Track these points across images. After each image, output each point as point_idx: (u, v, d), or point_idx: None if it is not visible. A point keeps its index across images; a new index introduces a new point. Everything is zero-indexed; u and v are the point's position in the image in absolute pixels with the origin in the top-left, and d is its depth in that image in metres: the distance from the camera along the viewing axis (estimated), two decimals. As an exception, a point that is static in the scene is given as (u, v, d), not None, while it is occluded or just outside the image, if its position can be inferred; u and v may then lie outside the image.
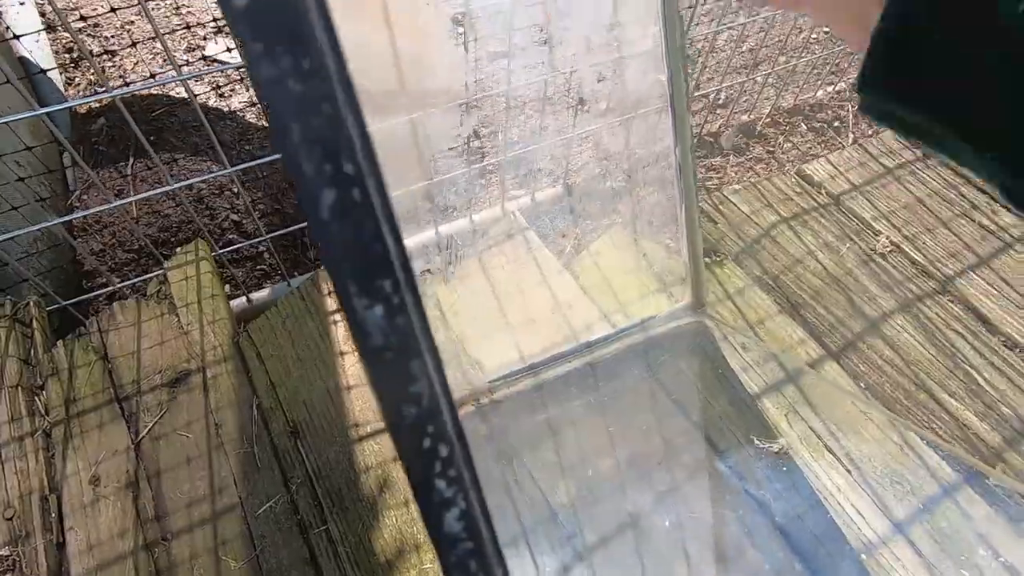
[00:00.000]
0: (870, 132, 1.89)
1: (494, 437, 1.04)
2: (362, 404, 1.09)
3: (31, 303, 1.18)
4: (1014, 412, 1.12)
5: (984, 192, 1.42)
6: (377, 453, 1.03)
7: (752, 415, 1.09)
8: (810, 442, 1.05)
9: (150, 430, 1.04)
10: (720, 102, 1.87)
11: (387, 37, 0.83)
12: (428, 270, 1.22)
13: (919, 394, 1.14)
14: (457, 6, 1.43)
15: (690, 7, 1.49)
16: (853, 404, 1.11)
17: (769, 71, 1.84)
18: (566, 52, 1.29)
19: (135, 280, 1.24)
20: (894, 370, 1.16)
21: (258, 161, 1.12)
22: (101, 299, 1.36)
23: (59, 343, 1.14)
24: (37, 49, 1.71)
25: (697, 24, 2.05)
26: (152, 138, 1.60)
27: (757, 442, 1.04)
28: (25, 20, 1.72)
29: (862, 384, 1.15)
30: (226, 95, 1.71)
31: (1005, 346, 1.20)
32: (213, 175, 1.12)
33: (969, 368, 1.17)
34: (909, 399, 1.13)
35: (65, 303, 1.20)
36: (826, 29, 2.10)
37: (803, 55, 1.99)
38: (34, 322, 1.16)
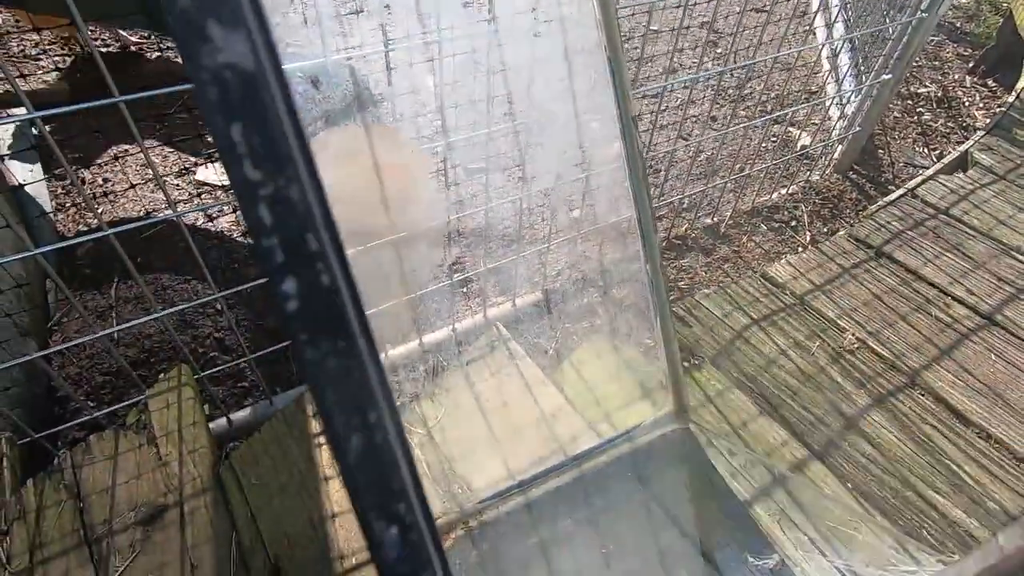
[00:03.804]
0: (824, 230, 2.03)
1: (485, 563, 1.01)
2: (347, 533, 1.05)
3: (2, 440, 1.14)
4: (1000, 506, 1.13)
5: (935, 287, 1.52)
6: (363, 589, 0.98)
7: (745, 523, 1.08)
8: (805, 549, 1.04)
9: (120, 575, 0.98)
10: (684, 207, 2.00)
11: (376, 181, 0.90)
12: (416, 394, 1.23)
13: (906, 492, 1.15)
14: (437, 147, 1.56)
15: (648, 129, 1.63)
16: (843, 507, 1.11)
17: (727, 178, 1.99)
18: (540, 185, 1.41)
19: (112, 408, 1.22)
20: (879, 468, 1.18)
21: (246, 285, 1.16)
22: (76, 429, 1.32)
23: (28, 482, 1.09)
24: (31, 176, 1.78)
25: (656, 143, 2.23)
26: (138, 259, 1.64)
27: (752, 560, 1.02)
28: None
29: (849, 485, 1.15)
30: (214, 216, 1.78)
31: (980, 438, 1.23)
32: (201, 301, 1.15)
33: (950, 463, 1.19)
34: (897, 498, 1.14)
35: (37, 436, 1.17)
36: (774, 138, 2.30)
37: (755, 163, 2.17)
38: (4, 460, 1.12)
